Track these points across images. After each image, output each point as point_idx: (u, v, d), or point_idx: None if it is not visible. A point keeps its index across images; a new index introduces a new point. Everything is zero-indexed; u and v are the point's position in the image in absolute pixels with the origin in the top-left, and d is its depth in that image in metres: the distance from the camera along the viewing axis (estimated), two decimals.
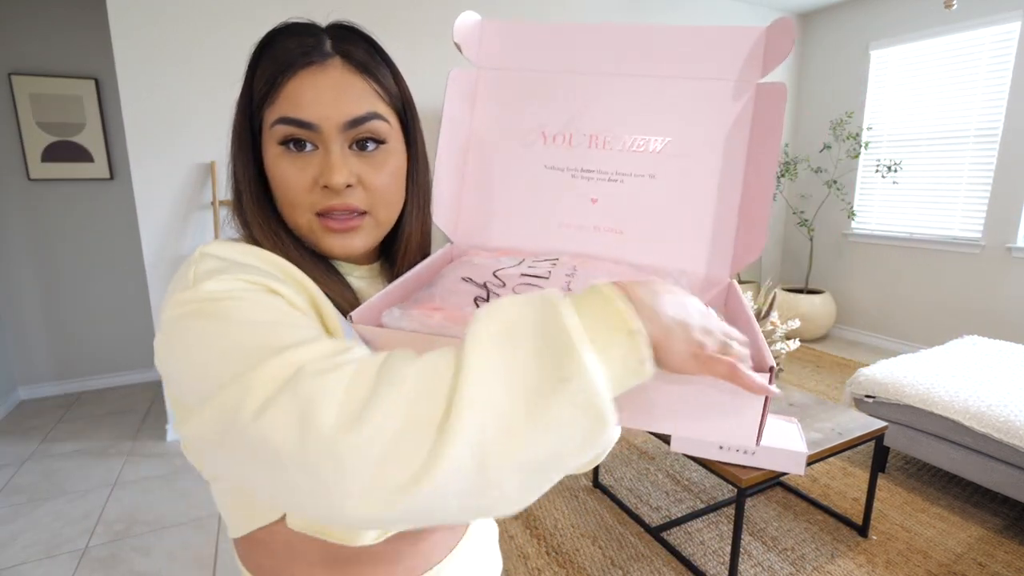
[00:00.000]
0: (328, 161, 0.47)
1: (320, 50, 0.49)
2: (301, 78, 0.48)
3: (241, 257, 0.44)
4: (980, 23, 3.29)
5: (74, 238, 3.10)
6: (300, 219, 0.50)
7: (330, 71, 0.48)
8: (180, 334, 0.37)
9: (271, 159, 0.49)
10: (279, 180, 0.49)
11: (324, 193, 0.48)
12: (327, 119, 0.47)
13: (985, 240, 3.37)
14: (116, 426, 2.78)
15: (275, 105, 0.48)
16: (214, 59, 2.45)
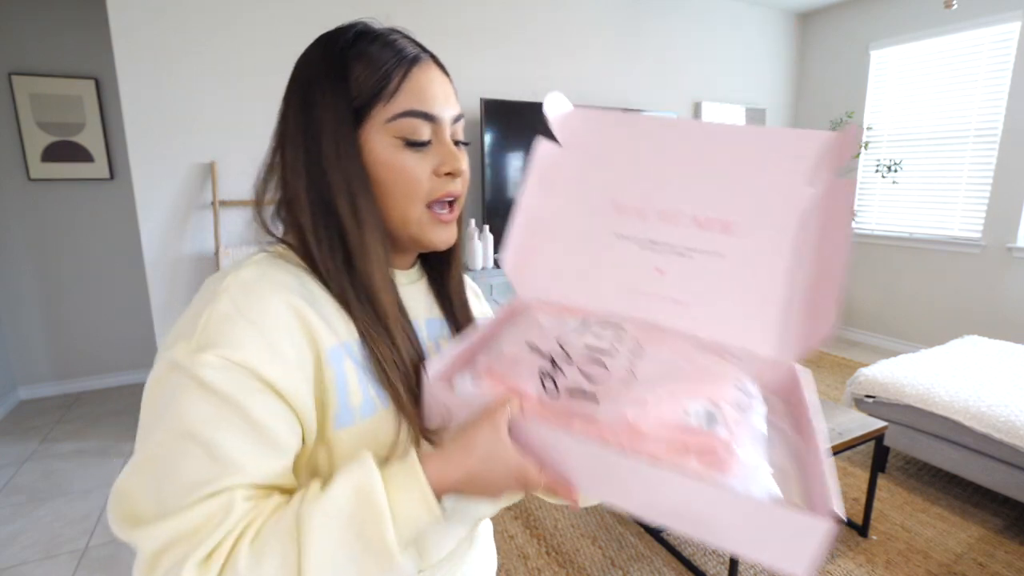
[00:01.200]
0: (449, 149, 0.51)
1: (420, 49, 0.52)
2: (422, 71, 0.50)
3: (258, 304, 0.43)
4: (980, 23, 3.29)
5: (74, 238, 3.10)
6: (414, 212, 0.51)
7: (433, 68, 0.51)
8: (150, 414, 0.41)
9: (384, 152, 0.49)
10: (398, 171, 0.50)
11: (441, 181, 0.52)
12: (445, 112, 0.51)
13: (985, 240, 3.37)
14: (116, 426, 2.78)
15: (395, 101, 0.49)
16: (214, 59, 2.45)
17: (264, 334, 0.42)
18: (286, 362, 0.42)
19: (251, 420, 0.40)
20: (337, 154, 0.49)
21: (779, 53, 4.22)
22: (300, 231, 0.50)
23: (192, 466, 0.38)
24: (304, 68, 0.52)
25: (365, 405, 0.47)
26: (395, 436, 0.48)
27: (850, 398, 2.35)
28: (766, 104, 4.23)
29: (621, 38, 3.50)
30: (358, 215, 0.49)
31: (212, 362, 0.40)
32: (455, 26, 2.95)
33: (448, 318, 0.61)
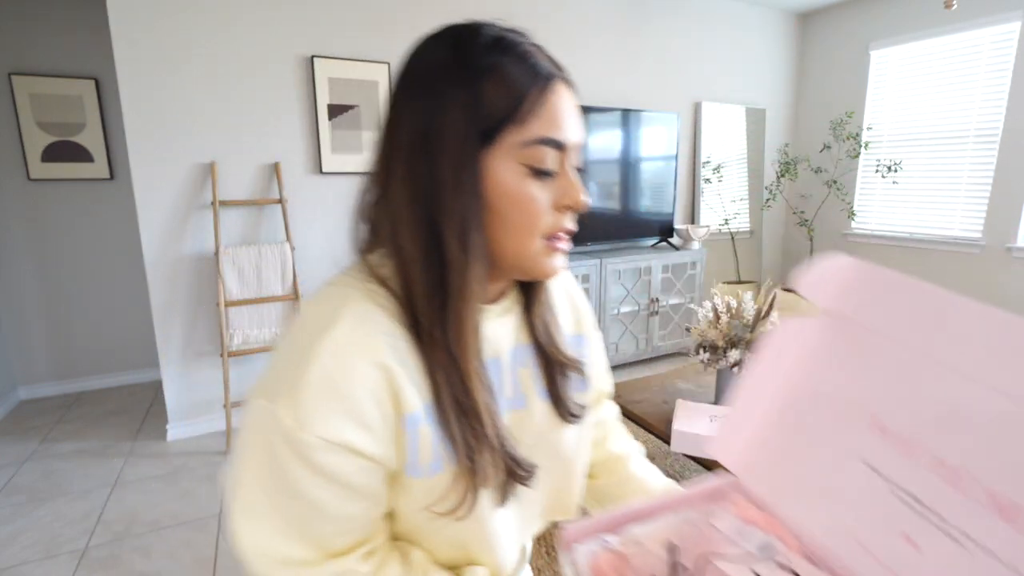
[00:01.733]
0: (574, 181, 0.48)
1: (553, 65, 0.47)
2: (556, 93, 0.46)
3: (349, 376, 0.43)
4: (980, 23, 3.29)
5: (74, 238, 3.10)
6: (532, 244, 0.48)
7: (564, 89, 0.47)
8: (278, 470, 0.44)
9: (508, 181, 0.45)
10: (521, 202, 0.46)
11: (561, 215, 0.49)
12: (574, 139, 0.48)
13: (985, 240, 3.37)
14: (116, 426, 2.78)
15: (529, 124, 0.45)
16: (214, 59, 2.45)
17: (355, 410, 0.44)
18: (374, 431, 0.45)
19: (353, 487, 0.46)
20: (456, 178, 0.45)
21: (779, 53, 4.22)
22: (402, 259, 0.47)
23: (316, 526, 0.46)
24: (427, 69, 0.46)
25: (434, 464, 0.48)
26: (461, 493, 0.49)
27: None
28: (766, 104, 4.23)
29: (621, 38, 3.50)
30: (467, 251, 0.46)
31: (315, 444, 0.43)
32: None
33: (534, 344, 0.58)
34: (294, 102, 2.64)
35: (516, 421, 0.56)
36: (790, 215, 4.49)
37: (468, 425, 0.48)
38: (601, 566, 0.43)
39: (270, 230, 2.70)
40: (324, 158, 2.72)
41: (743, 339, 1.73)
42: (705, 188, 3.98)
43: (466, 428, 0.48)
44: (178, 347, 2.60)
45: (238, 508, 0.46)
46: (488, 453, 0.49)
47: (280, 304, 2.65)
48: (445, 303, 0.46)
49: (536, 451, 0.57)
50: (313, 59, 2.61)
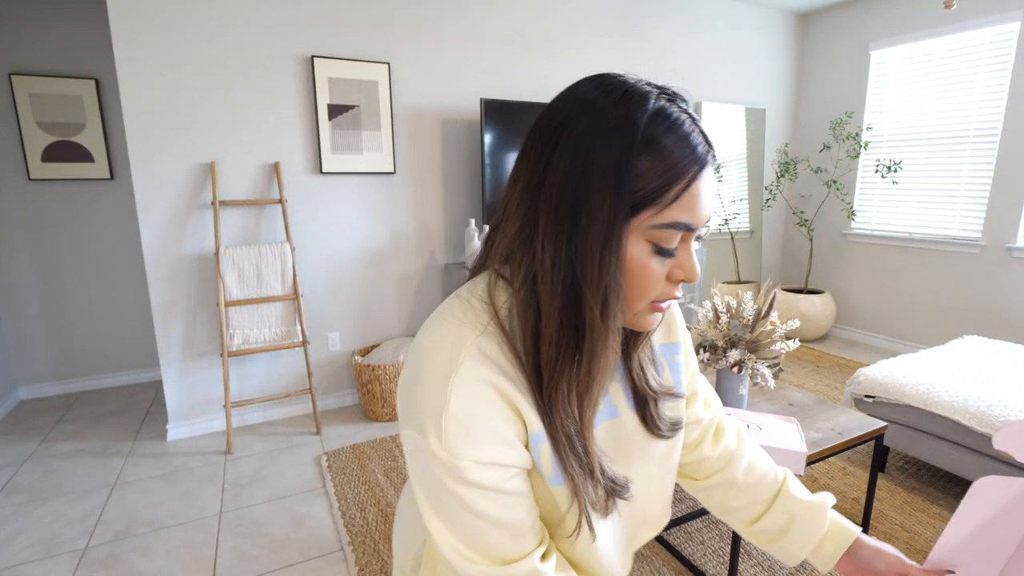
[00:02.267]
0: (690, 260, 0.50)
1: (707, 148, 0.48)
2: (703, 180, 0.47)
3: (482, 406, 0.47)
4: (980, 23, 3.29)
5: (74, 238, 3.10)
6: (640, 305, 0.51)
7: (711, 171, 0.48)
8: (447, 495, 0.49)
9: (636, 255, 0.47)
10: (641, 276, 0.48)
11: (671, 286, 0.51)
12: (703, 224, 0.49)
13: (985, 240, 3.37)
14: (116, 426, 2.78)
15: (670, 209, 0.46)
16: (214, 59, 2.45)
17: (493, 432, 0.48)
18: (511, 444, 0.49)
19: (510, 493, 0.50)
20: (603, 247, 0.46)
21: (779, 53, 4.22)
22: (536, 312, 0.49)
23: (499, 540, 0.50)
24: (590, 122, 0.46)
25: (555, 478, 0.52)
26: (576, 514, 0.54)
27: (850, 398, 2.35)
28: (766, 104, 4.23)
29: (621, 38, 3.50)
30: (607, 320, 0.47)
31: (468, 467, 0.47)
32: (455, 26, 2.95)
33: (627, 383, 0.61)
34: (294, 102, 2.64)
35: (608, 430, 0.59)
36: (790, 215, 4.49)
37: (577, 458, 0.52)
38: None
39: (270, 230, 2.70)
40: (324, 158, 2.72)
41: (743, 339, 1.73)
42: None
43: (574, 460, 0.52)
44: (178, 347, 2.60)
45: (428, 521, 0.52)
46: (590, 480, 0.53)
47: (280, 304, 2.65)
48: (578, 364, 0.49)
49: (630, 460, 0.61)
50: (313, 59, 2.61)
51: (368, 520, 2.00)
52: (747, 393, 1.83)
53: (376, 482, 2.24)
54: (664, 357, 0.66)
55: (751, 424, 1.61)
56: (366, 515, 2.03)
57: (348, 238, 2.88)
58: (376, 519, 2.01)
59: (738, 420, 0.79)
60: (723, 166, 4.03)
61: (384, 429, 2.74)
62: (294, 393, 2.77)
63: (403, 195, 2.98)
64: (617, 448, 0.60)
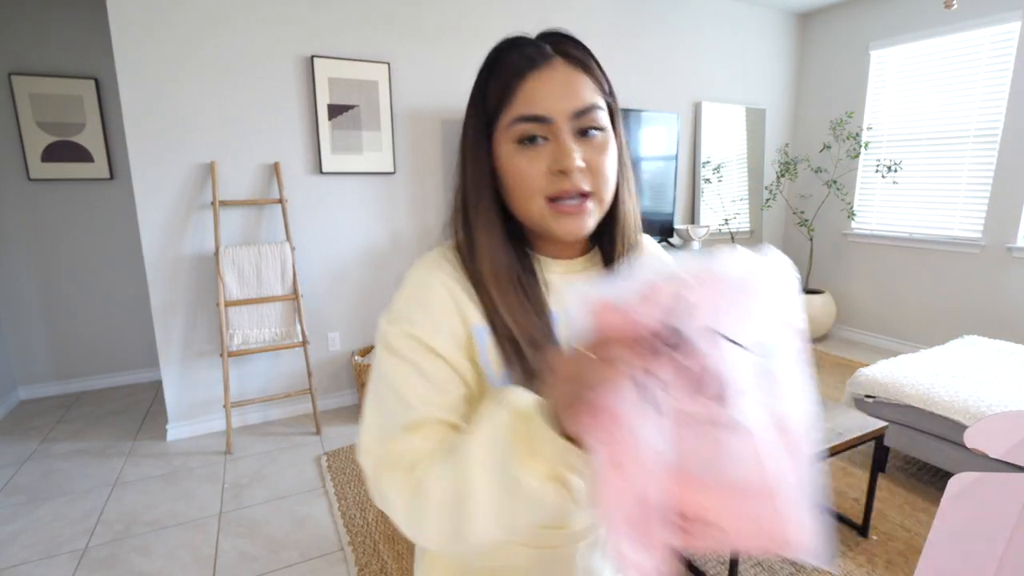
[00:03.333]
0: (561, 148, 0.53)
1: (544, 53, 0.55)
2: (532, 79, 0.54)
3: (426, 290, 0.56)
4: (980, 23, 3.29)
5: (74, 238, 3.10)
6: (533, 207, 0.56)
7: (556, 69, 0.55)
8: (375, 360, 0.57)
9: (506, 157, 0.55)
10: (515, 173, 0.55)
11: (557, 178, 0.54)
12: (558, 111, 0.53)
13: (985, 240, 3.37)
14: (116, 426, 2.78)
15: (511, 108, 0.54)
16: (214, 59, 2.45)
17: (429, 314, 0.55)
18: (443, 334, 0.55)
19: (423, 371, 0.54)
20: (473, 160, 0.57)
21: (779, 53, 4.22)
22: (454, 222, 0.60)
23: (391, 406, 0.54)
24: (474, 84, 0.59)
25: (503, 377, 0.56)
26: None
27: (850, 398, 2.35)
28: (766, 104, 4.23)
29: (621, 38, 3.50)
30: (474, 216, 0.57)
31: (398, 335, 0.55)
32: (455, 26, 2.95)
33: None
34: (294, 102, 2.64)
35: None
36: (790, 215, 4.49)
37: (512, 350, 0.55)
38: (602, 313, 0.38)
39: (270, 230, 2.70)
40: (324, 158, 2.72)
41: None
42: (705, 188, 3.98)
43: (510, 352, 0.55)
44: (178, 347, 2.60)
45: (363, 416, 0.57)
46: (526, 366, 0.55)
47: (280, 304, 2.65)
48: (475, 254, 0.57)
49: None
50: (313, 59, 2.61)
51: (368, 520, 2.00)
52: None
53: None
54: None
55: None
56: (366, 515, 2.03)
57: (348, 238, 2.88)
58: (376, 519, 2.00)
59: None
60: (723, 166, 4.03)
61: None
62: (294, 393, 2.77)
63: (403, 195, 2.98)
64: None
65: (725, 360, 0.36)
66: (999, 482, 0.48)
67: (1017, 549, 0.47)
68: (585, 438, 0.39)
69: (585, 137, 0.55)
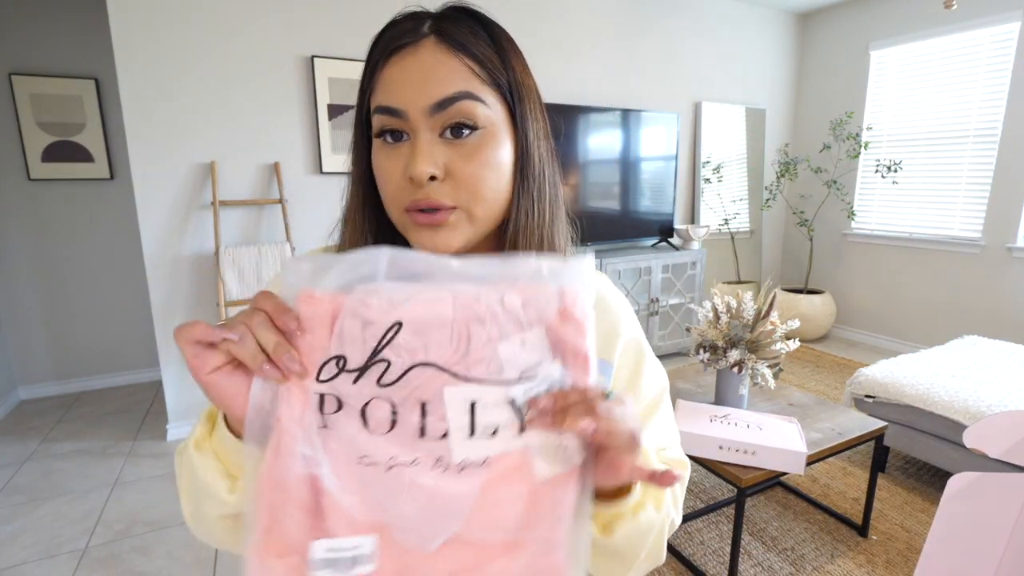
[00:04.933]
0: (412, 150, 0.44)
1: (414, 32, 0.45)
2: (393, 63, 0.45)
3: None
4: (980, 23, 3.29)
5: (74, 238, 3.10)
6: (395, 214, 0.47)
7: (420, 52, 0.44)
8: None
9: (373, 152, 0.47)
10: (377, 173, 0.47)
11: (411, 186, 0.45)
12: (412, 103, 0.43)
13: (985, 240, 3.37)
14: (116, 426, 2.78)
15: (374, 95, 0.46)
16: (214, 59, 2.45)
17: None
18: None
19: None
20: (352, 154, 0.50)
21: (779, 53, 4.22)
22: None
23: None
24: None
25: None
26: None
27: (850, 398, 2.35)
28: (766, 104, 4.23)
29: (621, 38, 3.50)
30: (347, 215, 0.51)
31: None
32: None
33: None
34: (294, 102, 2.64)
35: None
36: (790, 215, 4.49)
37: None
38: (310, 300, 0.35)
39: (270, 230, 2.70)
40: (324, 158, 2.72)
41: (743, 339, 1.73)
42: (705, 188, 3.98)
43: None
44: (178, 347, 2.60)
45: None
46: None
47: None
48: None
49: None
50: (313, 59, 2.61)
51: None
52: (747, 393, 1.83)
53: None
54: None
55: (751, 424, 1.61)
56: None
57: None
58: None
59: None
60: (723, 166, 4.03)
61: None
62: None
63: None
64: None
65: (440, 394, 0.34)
66: (998, 482, 0.48)
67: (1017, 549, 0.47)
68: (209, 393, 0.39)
69: (457, 137, 0.44)
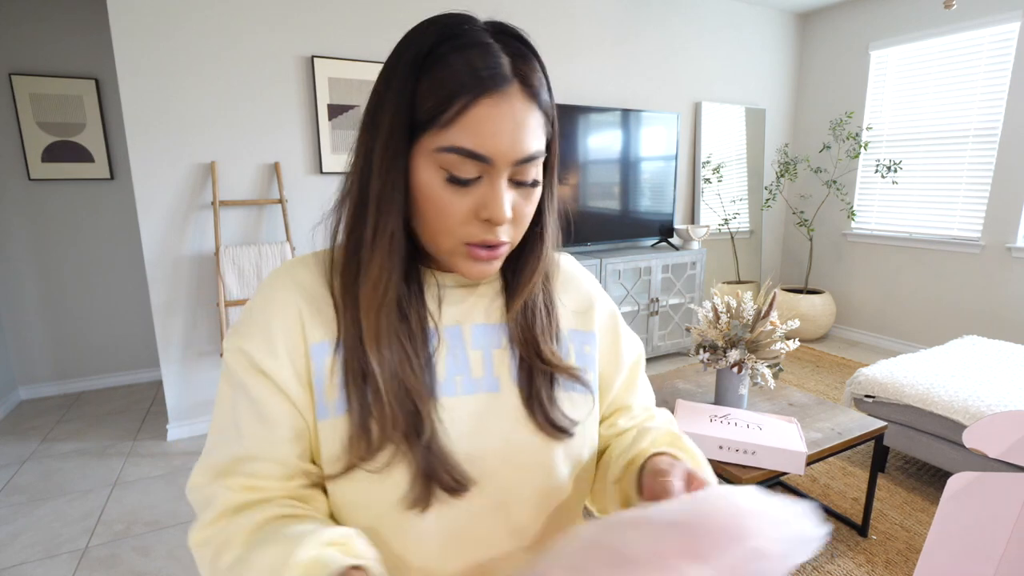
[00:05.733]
0: (495, 196, 0.46)
1: (501, 73, 0.45)
2: (483, 107, 0.44)
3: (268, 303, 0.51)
4: (980, 23, 3.29)
5: (74, 238, 3.10)
6: (445, 243, 0.49)
7: (511, 100, 0.45)
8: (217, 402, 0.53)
9: (427, 180, 0.46)
10: (435, 204, 0.47)
11: (481, 226, 0.47)
12: (502, 155, 0.45)
13: (985, 240, 3.37)
14: (116, 426, 2.79)
15: (449, 131, 0.44)
16: (215, 59, 2.45)
17: (266, 331, 0.50)
18: (275, 353, 0.49)
19: (252, 398, 0.49)
20: (386, 172, 0.47)
21: (779, 53, 4.22)
22: (336, 226, 0.52)
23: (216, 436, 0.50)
24: (388, 63, 0.49)
25: (339, 403, 0.49)
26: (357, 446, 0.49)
27: (850, 398, 2.35)
28: (766, 104, 4.23)
29: (621, 38, 3.50)
30: (376, 233, 0.48)
31: (231, 351, 0.50)
32: None
33: (505, 324, 0.56)
34: (294, 102, 2.64)
35: (480, 404, 0.52)
36: (790, 215, 4.49)
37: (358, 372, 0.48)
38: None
39: (270, 230, 2.70)
40: (324, 158, 2.72)
41: (743, 339, 1.73)
42: (705, 188, 3.98)
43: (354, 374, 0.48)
44: (178, 347, 2.60)
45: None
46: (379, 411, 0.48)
47: None
48: (356, 275, 0.50)
49: (498, 446, 0.52)
50: (313, 59, 2.61)
51: None
52: (747, 393, 1.83)
53: None
54: (572, 343, 0.59)
55: (751, 424, 1.61)
56: None
57: None
58: None
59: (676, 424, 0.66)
60: (723, 166, 4.03)
61: None
62: None
63: None
64: (486, 427, 0.52)
65: None
66: (998, 482, 0.48)
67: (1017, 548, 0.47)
68: None
69: (520, 186, 0.48)
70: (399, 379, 0.48)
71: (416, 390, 0.49)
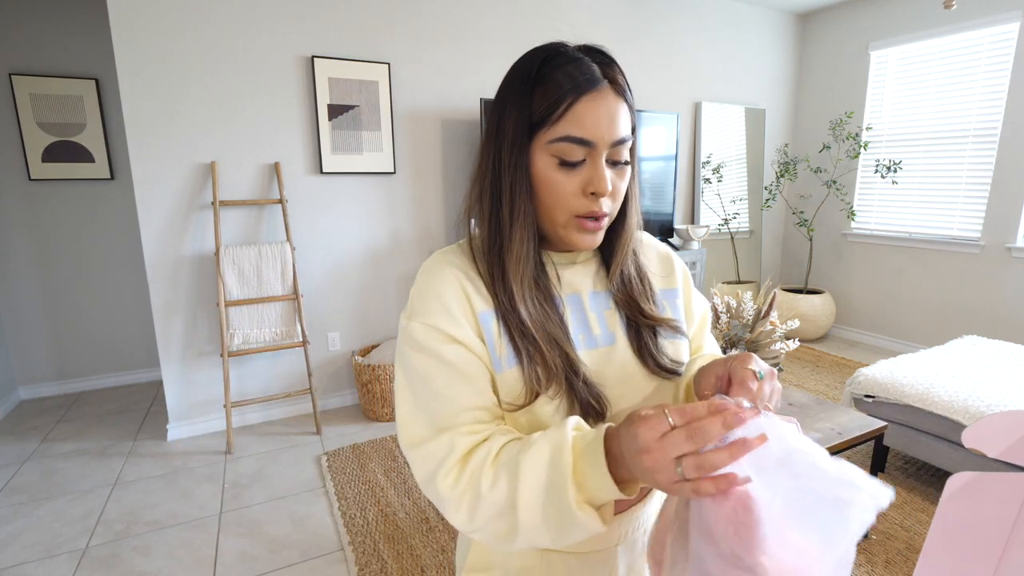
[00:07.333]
0: (598, 173, 0.58)
1: (595, 77, 0.58)
2: (584, 103, 0.57)
3: (438, 281, 0.62)
4: (980, 23, 3.29)
5: (74, 238, 3.10)
6: (559, 218, 0.61)
7: (605, 96, 0.58)
8: (398, 368, 0.63)
9: (544, 167, 0.59)
10: (551, 185, 0.59)
11: (589, 199, 0.59)
12: (601, 138, 0.58)
13: (985, 240, 3.37)
14: (116, 426, 2.79)
15: (559, 125, 0.57)
16: (215, 59, 2.45)
17: (445, 305, 0.60)
18: (458, 321, 0.60)
19: (449, 362, 0.59)
20: (512, 162, 0.60)
21: (779, 53, 4.22)
22: (479, 219, 0.64)
23: (427, 401, 0.59)
24: (504, 84, 0.62)
25: (508, 358, 0.60)
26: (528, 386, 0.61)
27: (850, 398, 2.35)
28: (766, 104, 4.23)
29: (621, 39, 3.50)
30: (513, 214, 0.61)
31: (417, 328, 0.60)
32: (455, 26, 2.95)
33: (610, 291, 0.70)
34: (294, 102, 2.64)
35: (604, 357, 0.66)
36: (790, 215, 4.49)
37: (519, 330, 0.60)
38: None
39: (270, 230, 2.70)
40: (324, 158, 2.72)
41: (743, 339, 1.73)
42: (705, 188, 3.98)
43: (516, 333, 0.60)
44: (178, 347, 2.60)
45: (397, 410, 0.62)
46: (538, 355, 0.60)
47: (280, 304, 2.65)
48: (500, 251, 0.62)
49: (620, 389, 0.65)
50: (313, 59, 2.61)
51: (368, 520, 2.00)
52: None
53: (376, 482, 2.24)
54: (666, 300, 0.74)
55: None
56: (366, 515, 2.03)
57: (348, 238, 2.88)
58: (376, 519, 2.01)
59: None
60: (723, 166, 4.03)
61: (384, 429, 2.74)
62: (294, 393, 2.77)
63: (403, 195, 2.98)
64: (606, 374, 0.65)
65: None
66: (998, 481, 0.48)
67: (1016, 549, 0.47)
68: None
69: (614, 165, 0.60)
70: (547, 332, 0.61)
71: (562, 340, 0.62)
